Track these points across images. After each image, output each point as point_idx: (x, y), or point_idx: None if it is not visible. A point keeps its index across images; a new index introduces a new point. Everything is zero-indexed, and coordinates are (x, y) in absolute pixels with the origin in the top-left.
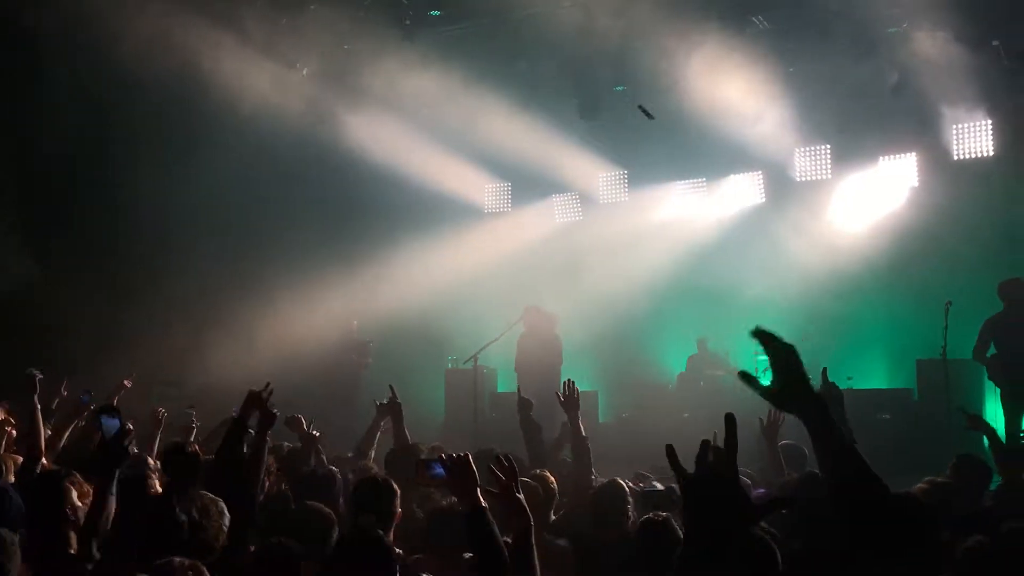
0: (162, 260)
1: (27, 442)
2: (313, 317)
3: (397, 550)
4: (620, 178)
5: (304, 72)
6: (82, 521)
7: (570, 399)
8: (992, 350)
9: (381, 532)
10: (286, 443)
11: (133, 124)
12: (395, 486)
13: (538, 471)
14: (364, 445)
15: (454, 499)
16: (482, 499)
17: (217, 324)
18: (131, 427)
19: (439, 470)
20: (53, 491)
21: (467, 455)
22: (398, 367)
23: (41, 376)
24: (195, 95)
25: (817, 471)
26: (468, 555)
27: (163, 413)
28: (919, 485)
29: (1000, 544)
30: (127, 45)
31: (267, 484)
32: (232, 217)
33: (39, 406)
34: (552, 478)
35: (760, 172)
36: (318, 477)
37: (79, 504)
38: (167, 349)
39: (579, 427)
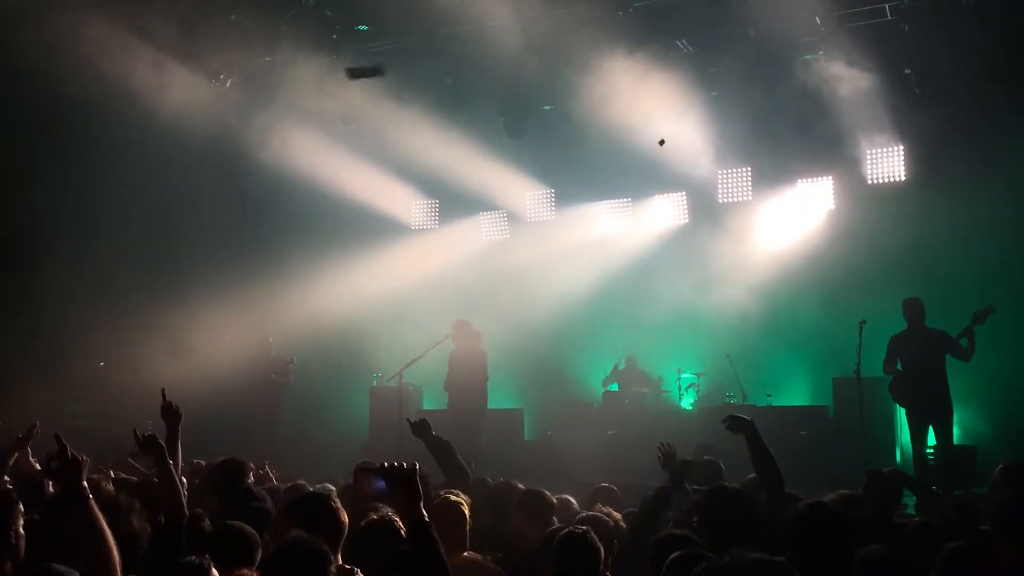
0: (71, 274)
1: None
2: (232, 334)
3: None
4: (547, 197)
5: (227, 84)
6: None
7: None
8: (898, 366)
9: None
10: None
11: (50, 135)
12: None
13: (449, 495)
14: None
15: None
16: (425, 512)
17: (131, 340)
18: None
19: (380, 484)
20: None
21: (414, 466)
22: (322, 385)
23: None
24: (112, 105)
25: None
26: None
27: (38, 428)
28: (830, 496)
29: (897, 552)
30: (43, 53)
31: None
32: (149, 229)
33: None
34: (464, 500)
35: (683, 193)
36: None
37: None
38: (72, 368)
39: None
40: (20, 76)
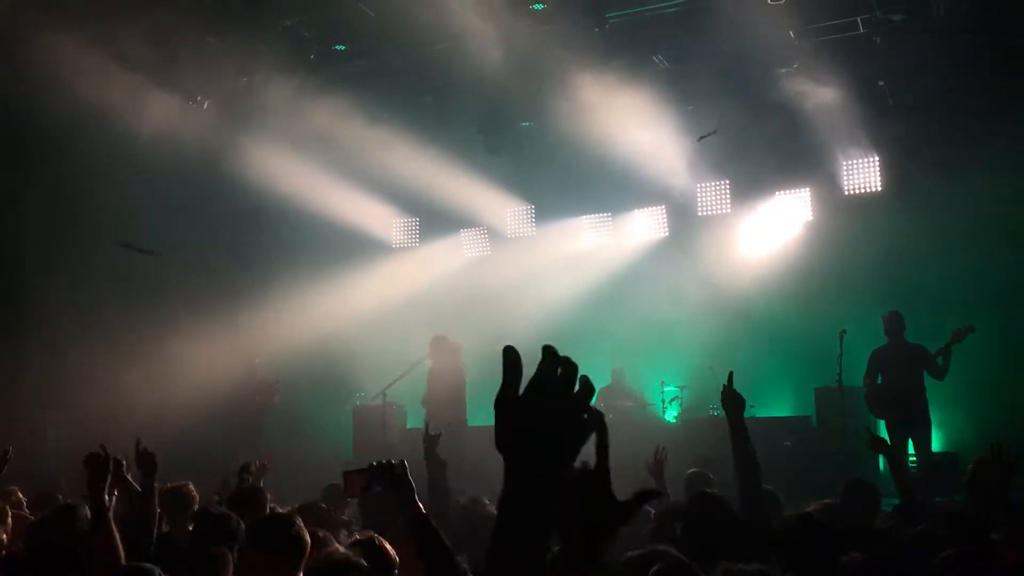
0: (51, 295)
1: None
2: (215, 356)
3: None
4: (527, 213)
5: (204, 105)
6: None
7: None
8: (879, 379)
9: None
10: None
11: (28, 159)
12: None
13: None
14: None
15: None
16: (421, 506)
17: (113, 362)
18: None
19: (377, 486)
20: None
21: (402, 463)
22: (305, 405)
23: None
24: (89, 128)
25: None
26: None
27: (11, 454)
28: (812, 507)
29: (878, 558)
30: (18, 76)
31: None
32: (128, 252)
33: None
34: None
35: (663, 206)
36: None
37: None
38: (53, 388)
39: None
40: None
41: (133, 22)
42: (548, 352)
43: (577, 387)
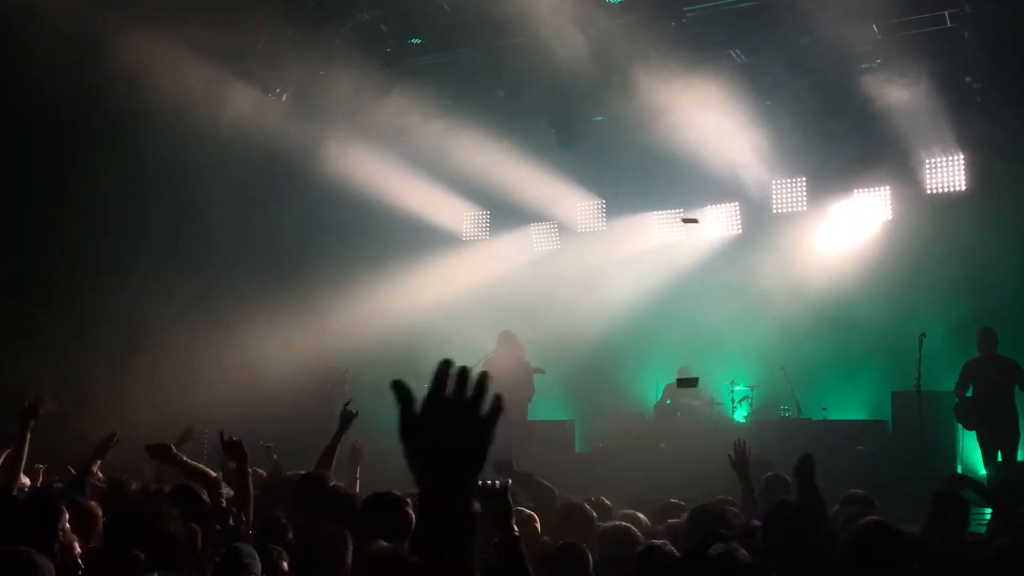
0: (133, 287)
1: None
2: (290, 346)
3: None
4: (598, 207)
5: (283, 97)
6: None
7: None
8: (970, 391)
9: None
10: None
11: (109, 150)
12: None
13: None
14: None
15: None
16: (515, 529)
17: (193, 351)
18: None
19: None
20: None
21: (506, 484)
22: (374, 396)
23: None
24: (172, 121)
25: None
26: None
27: (117, 438)
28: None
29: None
30: (102, 70)
31: None
32: (210, 243)
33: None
34: (534, 515)
35: (737, 203)
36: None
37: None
38: (136, 374)
39: None
40: (77, 92)
41: (214, 14)
42: (440, 365)
43: (470, 389)
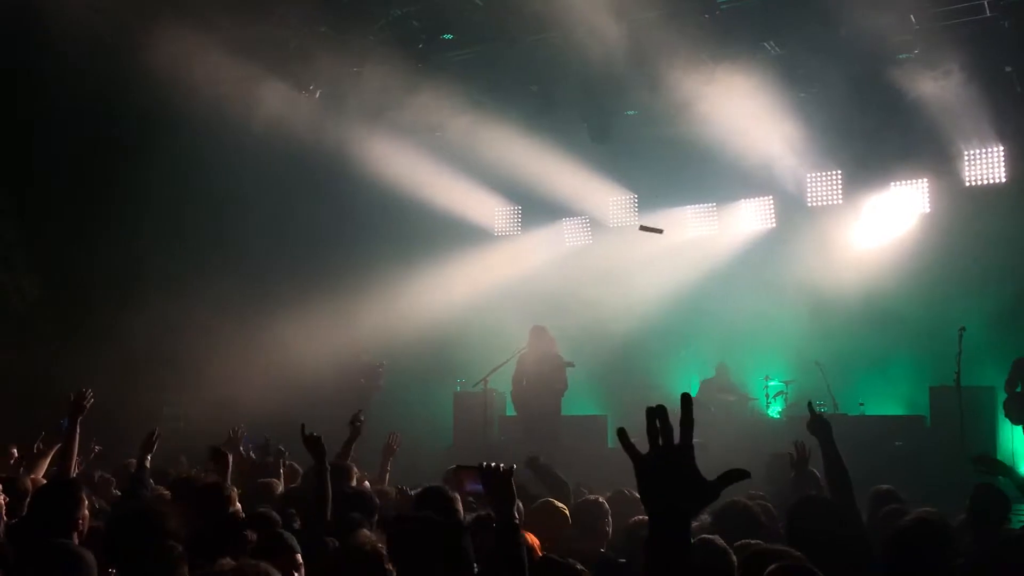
0: (169, 282)
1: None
2: (322, 340)
3: None
4: (630, 202)
5: (316, 94)
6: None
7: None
8: (1020, 387)
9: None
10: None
11: (143, 148)
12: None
13: (552, 501)
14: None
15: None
16: (517, 516)
17: (227, 346)
18: None
19: (477, 487)
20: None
21: (510, 469)
22: (407, 390)
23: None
24: (205, 116)
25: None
26: None
27: (157, 433)
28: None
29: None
30: (140, 64)
31: None
32: (241, 239)
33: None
34: (565, 507)
35: (771, 197)
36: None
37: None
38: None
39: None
40: (113, 91)
41: (248, 13)
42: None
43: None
